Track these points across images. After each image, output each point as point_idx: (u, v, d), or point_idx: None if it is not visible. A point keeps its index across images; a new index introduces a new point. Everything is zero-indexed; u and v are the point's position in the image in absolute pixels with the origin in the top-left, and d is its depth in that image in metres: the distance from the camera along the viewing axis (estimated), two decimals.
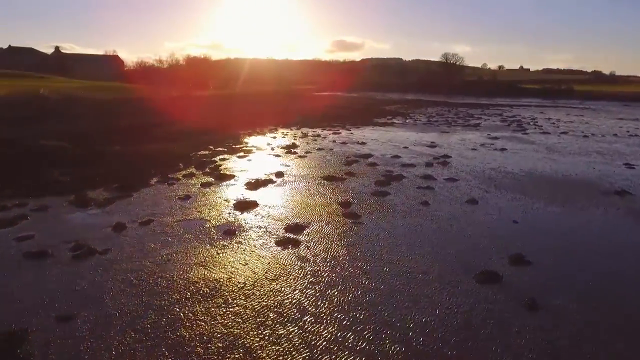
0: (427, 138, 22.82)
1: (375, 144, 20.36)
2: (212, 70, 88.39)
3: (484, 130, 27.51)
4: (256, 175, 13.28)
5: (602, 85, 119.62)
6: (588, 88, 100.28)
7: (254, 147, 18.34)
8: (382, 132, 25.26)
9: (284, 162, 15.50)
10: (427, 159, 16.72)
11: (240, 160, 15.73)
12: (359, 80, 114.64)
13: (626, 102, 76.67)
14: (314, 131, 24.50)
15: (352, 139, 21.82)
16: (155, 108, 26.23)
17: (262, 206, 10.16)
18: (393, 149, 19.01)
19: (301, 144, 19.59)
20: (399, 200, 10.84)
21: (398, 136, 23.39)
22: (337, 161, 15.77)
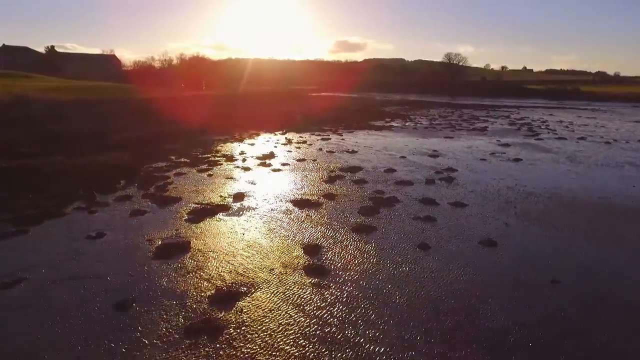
0: (428, 145, 19.77)
1: (368, 152, 17.33)
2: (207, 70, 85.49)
3: (492, 135, 24.44)
4: (209, 197, 10.31)
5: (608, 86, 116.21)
6: (594, 89, 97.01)
7: (224, 158, 15.35)
8: (378, 137, 22.22)
9: (252, 178, 12.50)
10: (428, 173, 13.69)
11: (199, 175, 12.74)
12: (361, 81, 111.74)
13: (635, 104, 73.43)
14: (301, 137, 21.50)
15: (342, 146, 18.80)
16: (127, 110, 23.28)
17: (194, 253, 7.17)
18: (388, 159, 15.98)
19: (280, 153, 16.59)
20: (387, 241, 7.81)
21: (395, 143, 20.35)
22: (317, 177, 12.76)
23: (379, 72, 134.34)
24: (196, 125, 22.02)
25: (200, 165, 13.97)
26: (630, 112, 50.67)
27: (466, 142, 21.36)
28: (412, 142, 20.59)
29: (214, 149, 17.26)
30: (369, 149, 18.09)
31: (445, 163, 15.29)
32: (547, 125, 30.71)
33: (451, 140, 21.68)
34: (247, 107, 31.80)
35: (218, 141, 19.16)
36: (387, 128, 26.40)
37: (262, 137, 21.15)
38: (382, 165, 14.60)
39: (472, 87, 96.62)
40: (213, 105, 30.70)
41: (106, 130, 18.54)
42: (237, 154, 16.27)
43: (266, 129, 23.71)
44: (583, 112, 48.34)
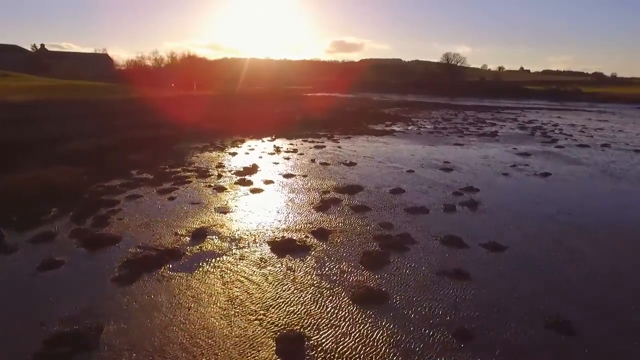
0: (437, 154, 17.07)
1: (369, 165, 14.61)
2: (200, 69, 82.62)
3: (505, 141, 21.76)
4: (159, 236, 7.59)
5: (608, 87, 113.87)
6: (595, 90, 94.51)
7: (196, 173, 12.60)
8: (379, 145, 19.51)
9: (223, 203, 9.76)
10: (444, 194, 11.00)
11: (158, 199, 10.00)
12: (357, 81, 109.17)
13: (639, 105, 70.96)
14: (291, 144, 18.75)
15: (338, 156, 16.07)
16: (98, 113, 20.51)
17: (103, 355, 4.43)
18: (393, 174, 13.27)
19: (265, 166, 13.85)
20: (404, 326, 5.08)
21: (399, 152, 17.64)
22: (307, 201, 10.03)
23: (376, 72, 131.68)
24: (174, 131, 19.26)
25: (163, 184, 11.23)
26: (639, 115, 48.13)
27: (479, 150, 18.67)
28: (418, 151, 17.87)
29: (188, 160, 14.49)
30: (370, 160, 15.37)
31: (462, 179, 12.58)
32: (561, 130, 28.06)
33: (462, 149, 18.97)
34: (237, 109, 29.05)
35: (195, 150, 16.39)
36: (388, 133, 23.68)
37: (248, 144, 18.39)
38: (387, 183, 11.88)
39: (471, 88, 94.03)
40: (200, 107, 27.95)
41: (67, 136, 15.77)
42: (213, 167, 13.52)
43: (254, 134, 20.95)
44: (590, 114, 45.76)
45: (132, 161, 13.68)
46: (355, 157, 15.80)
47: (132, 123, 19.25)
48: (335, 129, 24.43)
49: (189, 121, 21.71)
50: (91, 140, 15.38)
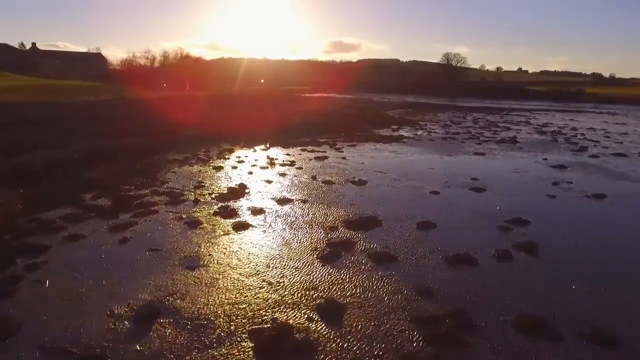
0: (460, 167, 14.38)
1: (382, 183, 11.88)
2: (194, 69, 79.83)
3: (530, 149, 19.09)
4: (74, 325, 4.85)
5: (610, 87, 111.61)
6: (598, 90, 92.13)
7: (166, 197, 9.85)
8: (389, 154, 16.80)
9: (191, 251, 7.01)
10: (486, 228, 8.30)
11: (103, 242, 7.23)
12: (356, 81, 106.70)
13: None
14: (288, 154, 16.00)
15: (344, 171, 13.34)
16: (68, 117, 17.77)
17: None
18: (414, 197, 10.55)
19: (255, 186, 11.10)
20: None
21: (415, 164, 14.94)
22: (307, 245, 7.29)
23: (375, 73, 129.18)
24: (153, 138, 16.51)
25: (120, 216, 8.49)
26: None
27: (506, 161, 15.99)
28: (436, 163, 15.17)
29: (161, 178, 11.73)
30: (382, 177, 12.63)
31: (501, 205, 9.88)
32: (584, 135, 25.44)
33: (486, 160, 16.28)
34: (229, 112, 26.29)
35: (173, 164, 13.62)
36: (396, 139, 20.95)
37: (237, 155, 15.62)
38: (410, 212, 9.15)
39: (473, 89, 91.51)
40: (187, 109, 25.21)
41: (17, 146, 13.02)
42: (190, 188, 10.77)
43: (245, 142, 18.19)
44: (603, 116, 43.22)
45: (90, 180, 10.91)
46: (365, 173, 13.07)
47: (103, 129, 16.50)
48: (338, 135, 21.71)
49: (171, 126, 18.97)
50: (46, 152, 12.61)
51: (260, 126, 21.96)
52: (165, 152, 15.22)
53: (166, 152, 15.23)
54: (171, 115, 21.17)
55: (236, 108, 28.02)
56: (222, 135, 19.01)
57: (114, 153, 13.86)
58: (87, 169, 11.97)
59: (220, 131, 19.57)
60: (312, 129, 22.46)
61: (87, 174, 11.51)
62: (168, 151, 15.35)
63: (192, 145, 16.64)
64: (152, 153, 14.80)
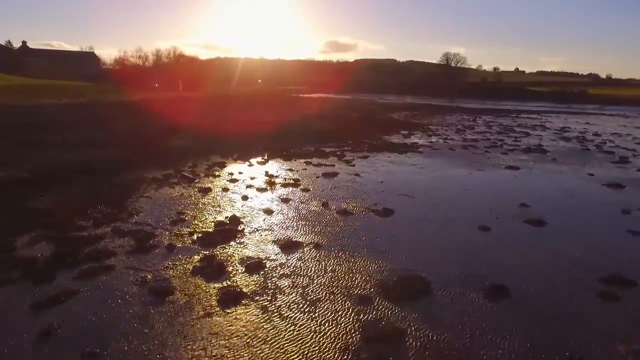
0: (499, 188, 11.83)
1: (413, 213, 9.26)
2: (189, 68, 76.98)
3: (565, 160, 16.56)
4: None
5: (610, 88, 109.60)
6: (601, 91, 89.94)
7: (130, 242, 7.18)
8: (409, 168, 14.20)
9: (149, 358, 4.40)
10: (580, 297, 5.71)
11: (6, 340, 4.59)
12: (353, 81, 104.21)
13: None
14: (290, 169, 13.34)
15: (361, 193, 10.70)
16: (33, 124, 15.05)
17: None
18: (460, 236, 7.94)
19: (251, 222, 8.42)
20: None
21: (443, 182, 12.35)
22: (328, 342, 4.66)
23: (373, 73, 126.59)
24: (130, 150, 13.83)
25: (57, 276, 5.85)
26: None
27: (547, 178, 13.45)
28: (468, 181, 12.60)
29: (130, 207, 9.05)
30: (410, 204, 10.01)
31: (581, 251, 7.30)
32: (613, 142, 22.97)
33: (523, 175, 13.70)
34: (223, 115, 23.60)
35: (150, 185, 10.93)
36: (411, 148, 18.34)
37: (230, 171, 12.94)
38: (465, 268, 6.54)
39: (474, 89, 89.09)
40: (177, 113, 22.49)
41: None
42: (166, 223, 8.10)
43: (240, 153, 15.52)
44: (616, 119, 40.85)
45: (33, 213, 8.23)
46: (387, 197, 10.45)
47: (72, 140, 13.80)
48: (344, 142, 19.09)
49: (155, 134, 16.29)
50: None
51: (257, 132, 19.31)
52: (144, 168, 12.53)
53: (144, 168, 12.54)
54: (156, 121, 18.48)
55: (230, 111, 25.33)
56: (213, 144, 16.34)
57: (78, 171, 11.18)
58: (35, 194, 9.28)
59: (211, 139, 16.90)
60: (315, 136, 19.82)
61: (33, 202, 8.83)
62: (147, 167, 12.66)
63: (177, 158, 13.96)
64: (126, 169, 12.11)
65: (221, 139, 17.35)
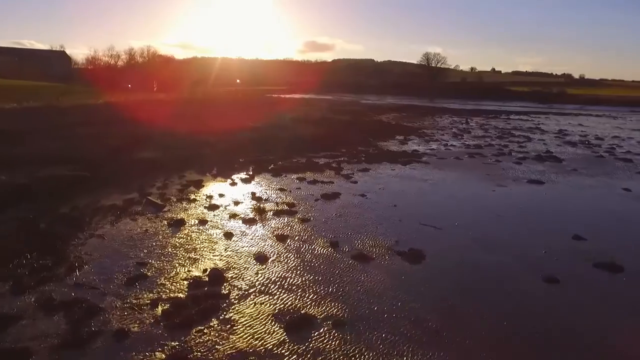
0: (535, 210, 9.75)
1: (446, 254, 7.09)
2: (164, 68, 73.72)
3: (586, 171, 14.70)
4: None
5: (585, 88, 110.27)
6: (579, 91, 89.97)
7: (60, 327, 4.81)
8: (420, 184, 12.06)
9: None
10: None
11: None
12: (333, 81, 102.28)
13: (633, 108, 66.07)
14: (281, 188, 10.98)
15: (374, 223, 8.46)
16: None
17: None
18: (521, 296, 5.80)
19: (234, 278, 6.08)
20: None
21: (468, 204, 10.24)
22: None
23: (352, 73, 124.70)
24: (87, 166, 11.31)
25: None
26: None
27: (581, 195, 11.53)
28: (496, 202, 10.52)
29: (71, 256, 6.60)
30: (439, 238, 7.84)
31: None
32: (621, 146, 21.35)
33: (553, 192, 11.71)
34: (201, 120, 21.13)
35: (104, 216, 8.47)
36: (414, 158, 16.23)
37: (208, 193, 10.54)
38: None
39: (454, 89, 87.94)
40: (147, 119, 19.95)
41: None
42: (118, 283, 5.72)
43: (220, 167, 13.13)
44: (607, 120, 39.67)
45: None
46: (407, 229, 8.26)
47: (12, 154, 11.22)
48: (338, 151, 16.87)
49: (118, 145, 13.77)
50: None
51: (238, 140, 16.95)
52: (101, 190, 10.05)
53: (102, 190, 10.06)
54: (122, 128, 15.93)
55: (208, 115, 22.84)
56: (189, 155, 13.90)
57: (11, 198, 8.66)
58: None
59: (187, 149, 14.48)
60: (304, 144, 17.54)
61: None
62: (106, 188, 10.18)
63: (145, 175, 11.50)
64: (79, 193, 9.63)
65: (198, 148, 14.94)
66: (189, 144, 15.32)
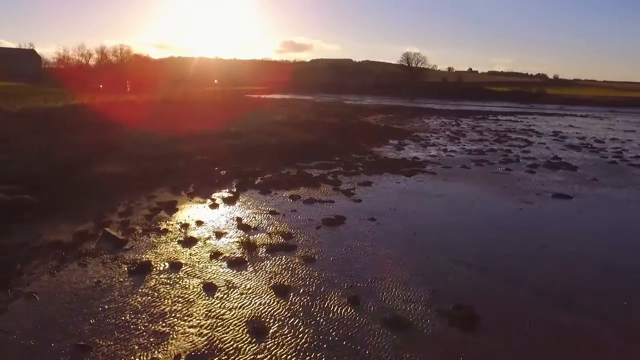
0: (592, 245, 8.03)
1: (514, 321, 5.26)
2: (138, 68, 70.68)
3: (609, 182, 13.16)
4: None
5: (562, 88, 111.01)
6: (558, 92, 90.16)
7: None
8: (434, 202, 10.26)
9: None
10: None
11: None
12: (312, 82, 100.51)
13: (612, 108, 66.00)
14: (272, 211, 8.95)
15: (392, 260, 6.58)
16: None
17: None
18: None
19: None
20: None
21: (499, 229, 8.47)
22: None
23: (331, 73, 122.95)
24: (32, 186, 9.10)
25: None
26: None
27: (622, 214, 9.93)
28: (529, 224, 8.78)
29: None
30: (490, 286, 6.01)
31: None
32: (627, 151, 19.99)
33: (587, 210, 10.05)
34: (175, 124, 18.93)
35: (42, 262, 6.35)
36: (416, 166, 14.44)
37: (182, 218, 8.48)
38: None
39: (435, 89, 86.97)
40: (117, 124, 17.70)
41: None
42: None
43: (197, 184, 11.05)
44: (594, 120, 38.76)
45: None
46: (440, 269, 6.42)
47: None
48: (331, 159, 14.95)
49: (77, 157, 11.55)
50: None
51: (218, 148, 14.89)
52: (44, 219, 7.89)
53: (46, 219, 7.90)
54: (82, 137, 13.69)
55: (183, 119, 20.64)
56: (161, 168, 11.78)
57: None
58: None
59: (158, 160, 12.36)
60: (293, 152, 15.58)
61: None
62: (50, 217, 8.02)
63: (104, 197, 9.36)
64: (12, 226, 7.46)
65: (172, 159, 12.83)
66: (162, 153, 13.19)
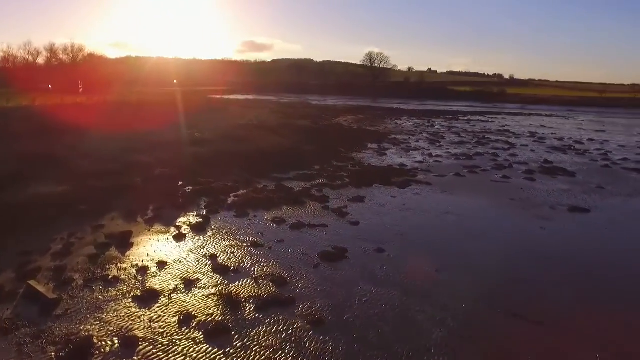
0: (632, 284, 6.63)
1: None
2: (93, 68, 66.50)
3: (615, 189, 12.07)
4: None
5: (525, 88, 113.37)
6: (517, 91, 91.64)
7: None
8: (442, 221, 8.70)
9: None
10: None
11: None
12: (274, 82, 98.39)
13: (570, 107, 67.26)
14: (253, 241, 7.11)
15: (416, 315, 4.93)
16: None
17: None
18: None
19: None
20: None
21: (528, 259, 6.97)
22: None
23: (294, 73, 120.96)
24: None
25: None
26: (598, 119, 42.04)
27: None
28: (559, 250, 7.34)
29: None
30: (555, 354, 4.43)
31: None
32: (612, 153, 19.23)
33: (611, 226, 8.81)
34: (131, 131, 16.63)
35: None
36: (407, 176, 12.89)
37: (140, 258, 6.52)
38: None
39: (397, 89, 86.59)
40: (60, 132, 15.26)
41: None
42: None
43: (157, 205, 9.01)
44: (560, 120, 38.73)
45: None
46: (488, 325, 4.82)
47: None
48: (310, 169, 13.17)
49: (4, 176, 9.27)
50: None
51: (180, 158, 12.85)
52: None
53: None
54: (15, 147, 11.33)
55: (141, 122, 18.33)
56: (111, 187, 9.67)
57: None
58: None
59: (108, 177, 10.23)
60: (268, 160, 13.69)
61: None
62: None
63: (34, 230, 7.24)
64: None
65: (125, 174, 10.72)
66: (114, 167, 11.06)
